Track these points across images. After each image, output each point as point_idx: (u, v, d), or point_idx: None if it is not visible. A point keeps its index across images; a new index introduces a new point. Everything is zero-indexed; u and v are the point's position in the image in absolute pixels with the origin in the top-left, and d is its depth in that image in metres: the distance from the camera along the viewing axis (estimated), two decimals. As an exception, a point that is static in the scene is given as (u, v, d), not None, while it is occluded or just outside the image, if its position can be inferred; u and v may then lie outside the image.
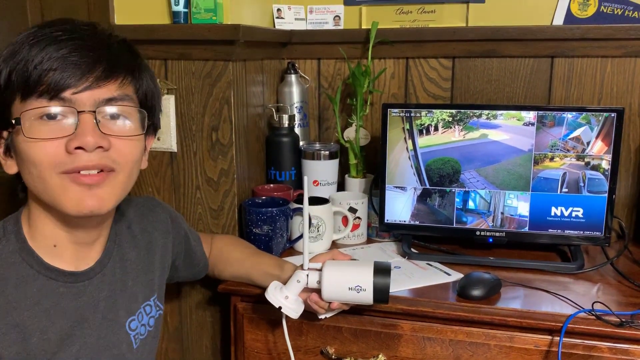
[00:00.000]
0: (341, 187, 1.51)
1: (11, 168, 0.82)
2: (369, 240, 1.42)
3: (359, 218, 1.39)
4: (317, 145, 1.49)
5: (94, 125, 0.77)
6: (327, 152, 1.45)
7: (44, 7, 1.37)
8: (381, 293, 0.98)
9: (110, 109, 0.79)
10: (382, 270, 0.98)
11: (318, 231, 1.33)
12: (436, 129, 1.29)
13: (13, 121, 0.76)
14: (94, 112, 0.77)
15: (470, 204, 1.29)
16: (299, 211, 1.32)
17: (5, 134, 0.80)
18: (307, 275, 1.02)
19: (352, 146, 1.47)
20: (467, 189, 1.29)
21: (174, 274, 1.13)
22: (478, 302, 1.08)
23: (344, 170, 1.52)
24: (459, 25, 1.47)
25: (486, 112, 1.26)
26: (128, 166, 0.83)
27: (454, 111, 1.28)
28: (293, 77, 1.53)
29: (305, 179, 1.02)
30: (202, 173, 1.32)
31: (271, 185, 1.45)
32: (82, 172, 0.78)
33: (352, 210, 1.37)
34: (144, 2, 1.28)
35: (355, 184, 1.48)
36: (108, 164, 0.79)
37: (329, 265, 1.01)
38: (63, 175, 0.77)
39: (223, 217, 1.33)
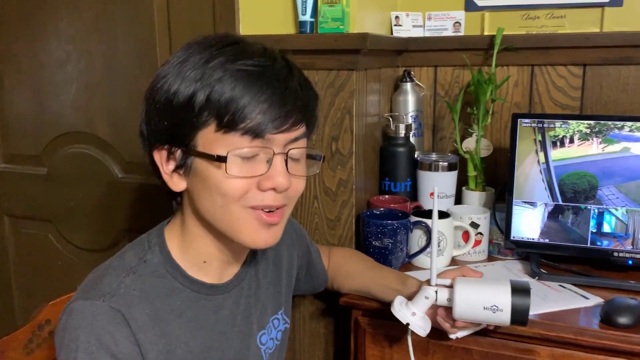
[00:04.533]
0: (457, 200, 1.45)
1: (178, 186, 0.82)
2: (490, 258, 1.35)
3: (480, 234, 1.32)
4: (434, 156, 1.44)
5: (284, 167, 0.79)
6: (446, 164, 1.40)
7: (170, 19, 1.41)
8: (520, 314, 0.91)
9: (296, 151, 0.81)
10: (521, 290, 0.92)
11: (439, 246, 1.28)
12: (572, 141, 1.21)
13: (215, 156, 0.75)
14: (286, 153, 0.79)
15: (606, 227, 1.20)
16: (419, 224, 1.27)
17: (178, 153, 0.79)
18: (436, 291, 0.97)
19: (472, 157, 1.41)
20: (602, 208, 1.20)
21: (295, 286, 1.12)
22: (625, 330, 0.99)
23: (459, 182, 1.45)
24: (592, 31, 1.37)
25: (629, 124, 1.16)
26: (295, 200, 0.85)
27: (592, 122, 1.19)
28: (408, 86, 1.49)
29: (436, 189, 0.98)
30: (320, 183, 1.30)
31: (386, 196, 1.41)
32: (265, 210, 0.80)
33: (474, 225, 1.31)
34: (269, 13, 1.29)
35: (475, 197, 1.41)
36: (285, 202, 0.82)
37: (461, 282, 0.95)
38: (248, 209, 0.79)
39: (340, 228, 1.31)
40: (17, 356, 0.94)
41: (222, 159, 0.75)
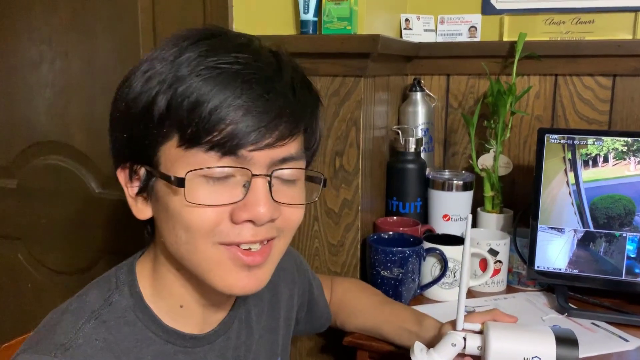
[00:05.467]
0: (472, 223, 1.30)
1: (143, 213, 0.66)
2: (510, 289, 1.21)
3: (499, 262, 1.18)
4: (448, 174, 1.30)
5: (267, 193, 0.61)
6: (461, 182, 1.26)
7: (156, 17, 1.27)
8: None
9: (285, 172, 0.64)
10: (567, 340, 0.78)
11: (454, 276, 1.14)
12: (606, 160, 1.07)
13: (172, 178, 0.59)
14: (269, 175, 0.62)
15: (649, 254, 1.06)
16: (434, 252, 1.13)
17: (141, 172, 0.64)
18: (465, 338, 0.82)
19: (489, 176, 1.27)
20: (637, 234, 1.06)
21: (294, 328, 0.96)
22: (677, 383, 0.85)
23: (473, 203, 1.31)
24: (624, 38, 1.24)
25: (672, 141, 1.03)
26: (291, 232, 0.68)
27: (629, 139, 1.06)
28: (418, 95, 1.35)
29: (469, 217, 0.84)
30: (321, 203, 1.16)
31: (394, 217, 1.27)
32: (242, 246, 0.63)
33: (493, 252, 1.17)
34: (266, 11, 1.15)
35: (492, 220, 1.28)
36: (273, 234, 0.65)
37: (494, 327, 0.81)
38: (220, 247, 0.62)
39: (343, 254, 1.17)
40: (-41, 413, 0.79)
41: (180, 183, 0.59)
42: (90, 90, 1.38)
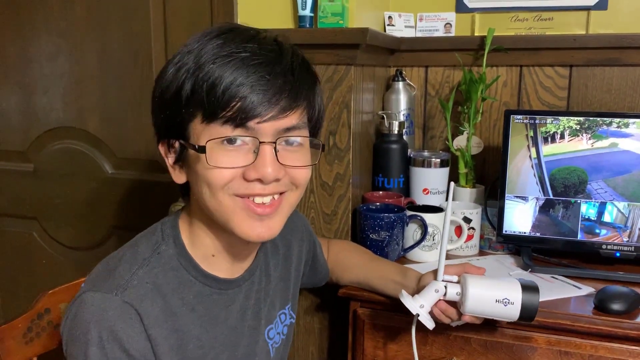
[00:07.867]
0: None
1: (180, 178, 0.81)
2: (481, 253, 1.38)
3: (472, 228, 1.35)
4: (427, 153, 1.47)
5: (273, 156, 0.75)
6: (438, 160, 1.43)
7: (167, 13, 1.41)
8: (529, 310, 0.93)
9: (288, 139, 0.77)
10: (530, 287, 0.94)
11: (433, 240, 1.30)
12: (562, 137, 1.25)
13: (196, 147, 0.74)
14: (274, 142, 0.75)
15: (607, 217, 1.23)
16: (415, 218, 1.29)
17: (177, 145, 0.79)
18: (446, 286, 0.98)
19: (463, 154, 1.44)
20: (595, 201, 1.24)
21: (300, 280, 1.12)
22: (618, 316, 1.02)
23: (449, 180, 1.48)
24: (579, 33, 1.42)
25: (617, 120, 1.21)
26: (301, 187, 0.82)
27: (582, 119, 1.23)
28: (400, 85, 1.51)
29: (452, 185, 0.99)
30: (316, 177, 1.31)
31: (380, 192, 1.43)
32: (255, 200, 0.77)
33: (467, 220, 1.34)
34: (268, 7, 1.30)
35: (465, 193, 1.44)
36: (281, 189, 0.79)
37: (471, 277, 0.97)
38: (236, 198, 0.76)
39: (336, 222, 1.32)
40: (16, 345, 0.92)
41: (201, 150, 0.73)
42: (104, 80, 1.51)
